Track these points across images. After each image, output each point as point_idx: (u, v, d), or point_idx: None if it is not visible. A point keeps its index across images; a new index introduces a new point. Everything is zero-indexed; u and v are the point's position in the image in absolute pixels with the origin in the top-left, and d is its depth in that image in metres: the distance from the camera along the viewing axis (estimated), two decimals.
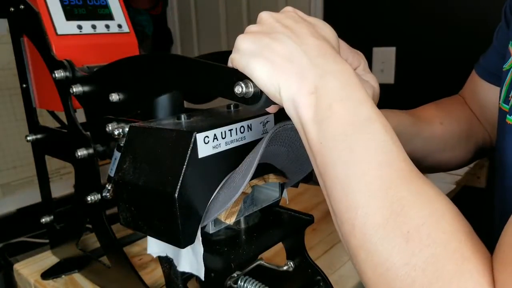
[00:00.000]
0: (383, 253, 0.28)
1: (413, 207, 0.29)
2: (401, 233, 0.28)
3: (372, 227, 0.29)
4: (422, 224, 0.28)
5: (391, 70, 1.42)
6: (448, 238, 0.27)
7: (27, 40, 0.63)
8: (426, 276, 0.26)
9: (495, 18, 1.24)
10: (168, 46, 2.16)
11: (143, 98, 0.46)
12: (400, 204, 0.29)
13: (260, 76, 0.34)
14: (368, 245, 0.29)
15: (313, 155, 0.33)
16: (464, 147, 0.63)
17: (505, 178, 0.48)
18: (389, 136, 0.31)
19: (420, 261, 0.27)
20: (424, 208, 0.29)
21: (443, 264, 0.26)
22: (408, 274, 0.27)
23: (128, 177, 0.40)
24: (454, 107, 0.65)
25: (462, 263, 0.26)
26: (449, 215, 0.29)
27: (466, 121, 0.64)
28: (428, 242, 0.27)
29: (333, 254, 0.70)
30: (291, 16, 0.38)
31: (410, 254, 0.27)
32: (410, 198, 0.29)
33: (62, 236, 0.70)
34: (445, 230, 0.28)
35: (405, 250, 0.27)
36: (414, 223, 0.28)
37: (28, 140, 0.67)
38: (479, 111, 0.64)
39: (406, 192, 0.29)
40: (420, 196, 0.29)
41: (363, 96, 0.33)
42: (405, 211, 0.28)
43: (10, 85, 1.25)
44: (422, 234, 0.27)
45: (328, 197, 0.33)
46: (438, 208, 0.29)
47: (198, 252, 0.41)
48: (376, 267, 0.29)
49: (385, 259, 0.28)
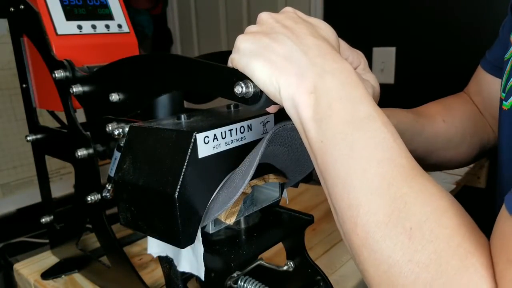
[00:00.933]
0: (386, 251, 0.28)
1: (415, 204, 0.29)
2: (404, 230, 0.28)
3: (374, 224, 0.29)
4: (425, 221, 0.28)
5: (391, 70, 1.42)
6: (451, 233, 0.27)
7: (27, 40, 0.63)
8: (430, 272, 0.26)
9: (495, 18, 1.24)
10: (168, 46, 2.16)
11: (143, 98, 0.46)
12: (402, 201, 0.29)
13: (260, 76, 0.34)
14: (371, 243, 0.29)
15: (314, 154, 0.33)
16: (468, 144, 0.63)
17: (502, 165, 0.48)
18: (389, 134, 0.31)
19: (424, 257, 0.27)
20: (426, 204, 0.29)
21: (447, 259, 0.26)
22: (411, 271, 0.27)
23: (128, 177, 0.40)
24: (457, 104, 0.64)
25: (465, 258, 0.26)
26: (452, 211, 0.29)
27: (470, 118, 0.63)
28: (431, 238, 0.27)
29: (333, 254, 0.70)
30: (291, 16, 0.38)
31: (413, 250, 0.27)
32: (412, 195, 0.29)
33: (62, 236, 0.70)
34: (447, 226, 0.28)
35: (408, 247, 0.27)
36: (417, 220, 0.28)
37: (28, 140, 0.67)
38: (484, 105, 0.64)
39: (407, 189, 0.29)
40: (422, 193, 0.29)
41: (363, 94, 0.33)
42: (407, 208, 0.28)
43: (10, 85, 1.25)
44: (424, 230, 0.27)
45: (329, 196, 0.33)
46: (441, 204, 0.29)
47: (198, 252, 0.41)
48: (379, 264, 0.29)
49: (388, 256, 0.28)
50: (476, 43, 1.24)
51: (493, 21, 1.20)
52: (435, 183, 0.30)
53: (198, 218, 0.39)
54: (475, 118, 0.64)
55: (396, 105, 0.58)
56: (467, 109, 0.64)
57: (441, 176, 1.01)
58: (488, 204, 0.60)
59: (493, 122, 0.64)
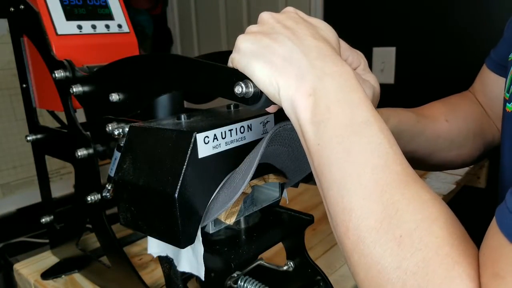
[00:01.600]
0: (376, 256, 0.29)
1: (406, 211, 0.29)
2: (394, 237, 0.28)
3: (365, 229, 0.29)
4: (415, 228, 0.28)
5: (391, 70, 1.42)
6: (440, 242, 0.27)
7: (27, 40, 0.63)
8: (416, 280, 0.27)
9: (495, 18, 1.24)
10: (168, 46, 2.16)
11: (143, 98, 0.46)
12: (394, 207, 0.29)
13: (260, 76, 0.34)
14: (361, 248, 0.29)
15: (311, 156, 0.34)
16: (472, 144, 0.62)
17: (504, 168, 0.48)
18: (386, 139, 0.31)
19: (411, 265, 0.27)
20: (418, 212, 0.29)
21: (434, 268, 0.27)
22: (399, 277, 0.27)
23: (128, 177, 0.40)
24: (461, 103, 0.64)
25: (452, 267, 0.26)
26: (443, 219, 0.29)
27: (475, 118, 0.62)
28: (420, 246, 0.27)
29: (333, 254, 0.70)
30: (292, 16, 0.38)
31: (401, 257, 0.28)
32: (404, 202, 0.29)
33: (62, 236, 0.70)
34: (437, 235, 0.28)
35: (397, 254, 0.28)
36: (407, 227, 0.28)
37: (28, 140, 0.67)
38: (489, 105, 0.63)
39: (400, 196, 0.29)
40: (414, 200, 0.29)
41: (361, 98, 0.33)
42: (399, 215, 0.29)
43: (10, 85, 1.25)
44: (414, 238, 0.28)
45: (324, 198, 0.33)
46: (432, 212, 0.29)
47: (198, 252, 0.41)
48: (368, 269, 0.29)
49: (377, 262, 0.29)
50: (476, 43, 1.24)
51: (493, 21, 1.20)
52: (428, 189, 0.31)
53: (198, 218, 0.39)
54: (480, 118, 0.63)
55: (396, 105, 0.58)
56: (471, 109, 0.63)
57: (441, 176, 1.01)
58: (488, 204, 0.59)
59: (498, 122, 0.62)
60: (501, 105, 0.55)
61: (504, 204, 0.26)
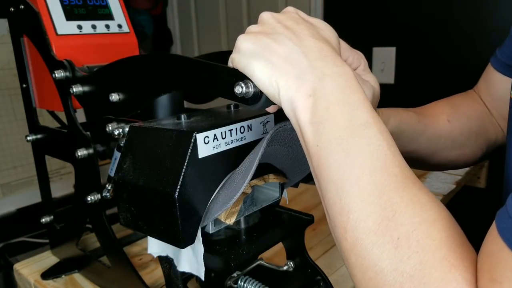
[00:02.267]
0: (373, 258, 0.29)
1: (404, 214, 0.29)
2: (391, 239, 0.28)
3: (363, 231, 0.29)
4: (412, 231, 0.28)
5: (391, 70, 1.42)
6: (438, 245, 0.27)
7: (27, 40, 0.63)
8: (413, 282, 0.27)
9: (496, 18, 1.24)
10: (168, 46, 2.16)
11: (143, 98, 0.46)
12: (392, 210, 0.29)
13: (260, 76, 0.34)
14: (359, 249, 0.29)
15: (310, 157, 0.34)
16: (474, 144, 0.62)
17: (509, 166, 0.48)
18: (385, 141, 0.31)
19: (408, 267, 0.27)
20: (416, 215, 0.29)
21: (430, 271, 0.27)
22: (396, 280, 0.27)
23: (128, 177, 0.40)
24: (464, 103, 0.63)
25: (449, 270, 0.26)
26: (441, 222, 0.29)
27: (478, 118, 0.62)
28: (417, 249, 0.27)
29: (333, 254, 0.70)
30: (292, 16, 0.38)
31: (398, 260, 0.28)
32: (402, 205, 0.29)
33: (62, 236, 0.70)
34: (435, 238, 0.28)
35: (394, 256, 0.28)
36: (405, 230, 0.28)
37: (28, 140, 0.67)
38: (493, 104, 0.62)
39: (398, 199, 0.29)
40: (412, 203, 0.29)
41: (361, 99, 0.33)
42: (396, 217, 0.29)
43: (10, 85, 1.25)
44: (411, 241, 0.28)
45: (323, 199, 0.33)
46: (430, 215, 0.29)
47: (198, 252, 0.41)
48: (366, 271, 0.29)
49: (374, 264, 0.29)
50: (476, 44, 1.24)
51: (493, 21, 1.20)
52: (427, 192, 0.31)
53: (198, 218, 0.39)
54: (483, 117, 0.62)
55: (396, 105, 0.57)
56: (474, 109, 0.63)
57: (441, 176, 1.01)
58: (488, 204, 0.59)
59: (502, 122, 0.62)
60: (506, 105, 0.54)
61: (505, 208, 0.26)
